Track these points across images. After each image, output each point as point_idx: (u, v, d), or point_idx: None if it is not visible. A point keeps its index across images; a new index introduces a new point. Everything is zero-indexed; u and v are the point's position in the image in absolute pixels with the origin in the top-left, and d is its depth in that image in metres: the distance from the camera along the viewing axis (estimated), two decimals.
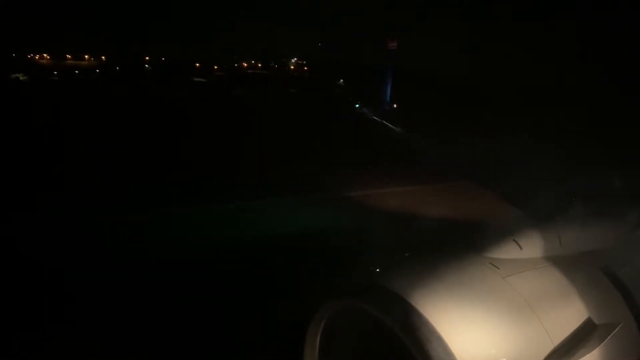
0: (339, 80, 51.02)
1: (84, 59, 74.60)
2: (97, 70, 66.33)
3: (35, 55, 73.24)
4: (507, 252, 2.07)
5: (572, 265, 2.11)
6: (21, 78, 56.40)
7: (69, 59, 74.55)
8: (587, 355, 1.78)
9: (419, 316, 1.62)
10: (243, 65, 77.32)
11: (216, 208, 9.65)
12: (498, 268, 1.93)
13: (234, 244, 7.60)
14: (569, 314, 1.90)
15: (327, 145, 15.06)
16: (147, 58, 71.72)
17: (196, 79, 61.88)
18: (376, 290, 1.77)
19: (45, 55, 73.90)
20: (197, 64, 70.58)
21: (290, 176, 11.57)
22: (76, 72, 65.64)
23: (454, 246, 2.15)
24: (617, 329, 1.91)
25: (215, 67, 71.87)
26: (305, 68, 71.74)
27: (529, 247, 2.14)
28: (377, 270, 1.95)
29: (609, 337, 1.87)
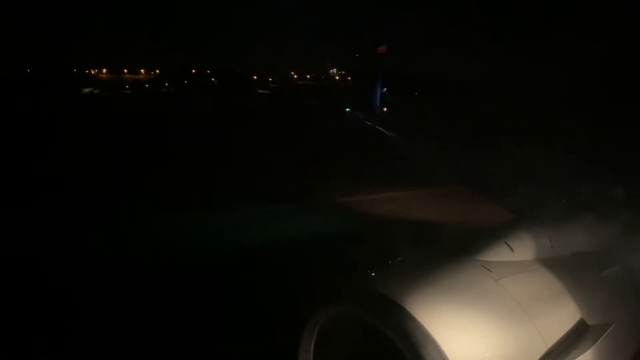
0: (383, 89, 52.36)
1: (139, 73, 75.18)
2: (166, 84, 66.08)
3: (93, 70, 74.18)
4: (498, 254, 2.08)
5: (563, 267, 2.13)
6: (95, 92, 55.69)
7: (126, 74, 75.04)
8: (581, 357, 1.79)
9: (413, 320, 1.62)
10: (293, 77, 78.96)
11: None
12: (490, 271, 1.93)
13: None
14: (561, 316, 1.91)
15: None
16: (193, 71, 72.81)
17: (259, 91, 62.68)
18: (369, 295, 1.76)
19: (104, 70, 74.75)
20: (254, 77, 72.19)
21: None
22: (146, 85, 65.44)
23: (447, 250, 2.15)
24: (609, 330, 1.92)
25: (270, 79, 73.68)
26: (349, 78, 73.15)
27: (521, 249, 2.15)
28: (370, 274, 1.95)
29: (602, 337, 1.88)
